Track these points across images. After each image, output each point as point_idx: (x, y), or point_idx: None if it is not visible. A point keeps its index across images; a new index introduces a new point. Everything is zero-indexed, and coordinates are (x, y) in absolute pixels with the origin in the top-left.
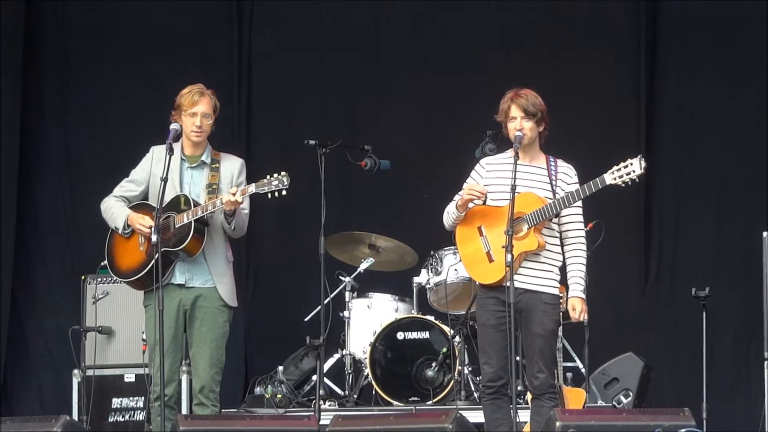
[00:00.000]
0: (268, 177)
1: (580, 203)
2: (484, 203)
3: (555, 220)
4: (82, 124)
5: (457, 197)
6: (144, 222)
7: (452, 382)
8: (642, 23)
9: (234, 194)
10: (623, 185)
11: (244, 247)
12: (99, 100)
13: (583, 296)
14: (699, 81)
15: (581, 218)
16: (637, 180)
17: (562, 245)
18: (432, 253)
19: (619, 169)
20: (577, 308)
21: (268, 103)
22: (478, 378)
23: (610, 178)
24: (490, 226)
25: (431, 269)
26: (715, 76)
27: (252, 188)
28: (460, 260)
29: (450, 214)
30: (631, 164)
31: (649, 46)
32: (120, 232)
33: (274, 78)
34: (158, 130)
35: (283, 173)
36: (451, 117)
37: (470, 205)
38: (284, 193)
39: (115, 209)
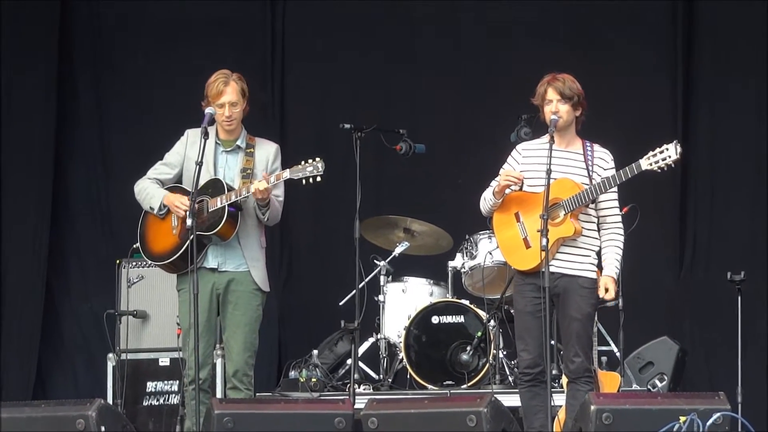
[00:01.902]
0: (303, 163)
1: (616, 188)
2: (521, 189)
3: (591, 205)
4: (116, 110)
5: (494, 183)
6: (182, 201)
7: (487, 366)
8: (679, 9)
9: (261, 184)
10: (659, 170)
11: (277, 231)
12: (132, 87)
13: (616, 277)
14: (735, 68)
15: (617, 203)
16: (673, 165)
17: (599, 230)
18: (467, 237)
19: (654, 155)
20: (609, 288)
21: (302, 88)
22: (512, 362)
23: (645, 163)
24: (528, 212)
25: (466, 253)
26: (752, 64)
27: (286, 174)
28: (497, 246)
29: (487, 200)
30: (667, 150)
31: (685, 33)
32: (155, 212)
33: (307, 63)
34: (192, 115)
35: (317, 159)
36: (486, 101)
37: (507, 191)
38: (319, 179)
39: (150, 190)
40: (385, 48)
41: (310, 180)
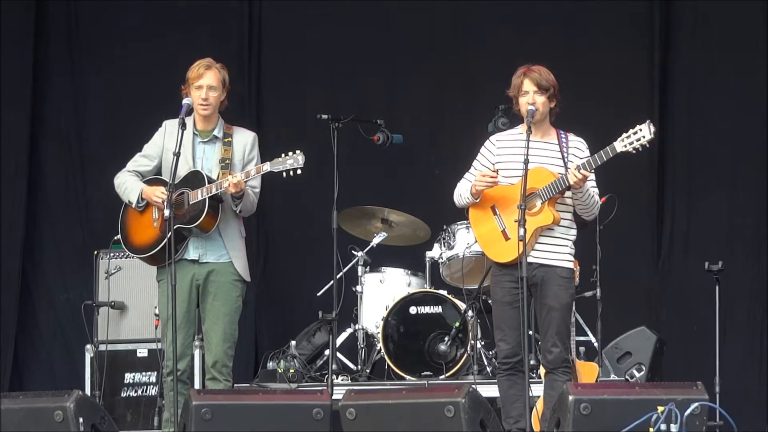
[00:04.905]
0: (283, 155)
1: (593, 174)
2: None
3: (568, 194)
4: (92, 99)
5: (468, 176)
6: (160, 194)
7: (465, 356)
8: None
9: (235, 179)
10: (634, 151)
11: (254, 221)
12: (109, 75)
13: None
14: (713, 55)
15: (594, 183)
16: (648, 145)
17: (575, 219)
18: (444, 227)
19: (628, 136)
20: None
21: (279, 79)
22: (491, 352)
23: (620, 145)
24: (504, 205)
25: (444, 243)
26: (730, 51)
27: (267, 167)
28: (476, 241)
29: (463, 197)
30: (641, 130)
31: (663, 22)
32: (134, 205)
33: (284, 53)
34: (169, 105)
35: (298, 152)
36: (463, 91)
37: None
38: (299, 172)
39: (129, 183)
40: (362, 38)
41: (290, 173)
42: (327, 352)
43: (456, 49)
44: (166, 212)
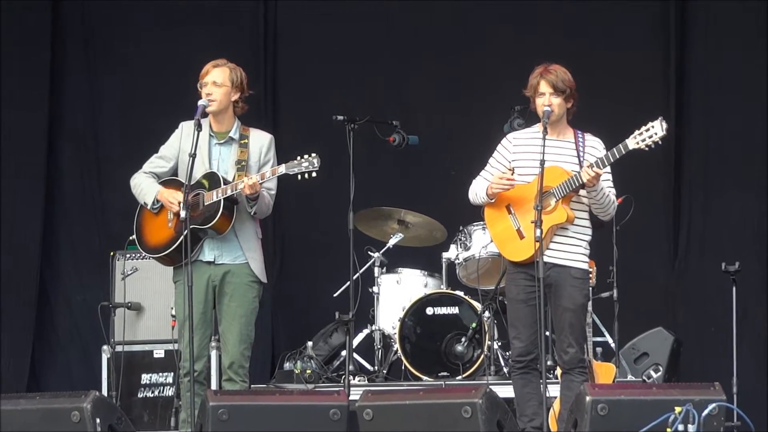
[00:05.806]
0: (299, 158)
1: (609, 172)
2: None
3: (584, 193)
4: (108, 101)
5: (484, 173)
6: (175, 197)
7: (482, 357)
8: None
9: (251, 180)
10: (647, 149)
11: (270, 223)
12: (125, 78)
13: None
14: (728, 54)
15: (611, 183)
16: (660, 142)
17: (591, 219)
18: (461, 228)
19: (641, 133)
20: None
21: (294, 80)
22: (507, 353)
23: (632, 142)
24: (519, 203)
25: (460, 244)
26: (745, 50)
27: (282, 169)
28: (491, 240)
29: (479, 196)
30: (653, 127)
31: (678, 20)
32: (149, 207)
33: (299, 55)
34: (184, 106)
35: (314, 155)
36: (478, 92)
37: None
38: (314, 174)
39: (145, 185)
40: (378, 40)
41: (306, 175)
42: (344, 352)
43: (471, 49)
44: (182, 213)
